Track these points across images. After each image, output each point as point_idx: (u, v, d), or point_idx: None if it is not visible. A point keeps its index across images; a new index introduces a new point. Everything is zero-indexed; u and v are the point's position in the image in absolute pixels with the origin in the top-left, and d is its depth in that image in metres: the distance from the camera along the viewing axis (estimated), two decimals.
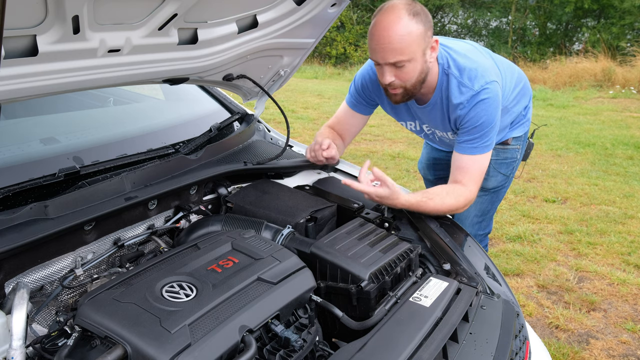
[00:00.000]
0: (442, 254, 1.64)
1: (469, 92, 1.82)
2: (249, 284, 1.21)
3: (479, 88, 1.81)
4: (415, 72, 1.75)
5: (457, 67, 1.85)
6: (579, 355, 2.64)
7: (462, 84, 1.84)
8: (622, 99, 9.98)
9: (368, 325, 1.29)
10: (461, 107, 1.85)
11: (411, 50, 1.68)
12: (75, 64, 1.27)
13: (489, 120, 1.84)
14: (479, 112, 1.83)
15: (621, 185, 5.22)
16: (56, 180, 1.47)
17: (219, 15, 1.53)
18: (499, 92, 1.87)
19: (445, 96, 1.89)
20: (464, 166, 1.88)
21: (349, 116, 2.19)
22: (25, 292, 1.11)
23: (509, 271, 3.47)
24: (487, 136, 1.86)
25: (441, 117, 1.96)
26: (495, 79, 1.86)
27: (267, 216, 1.68)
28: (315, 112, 8.74)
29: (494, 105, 1.84)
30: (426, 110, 1.99)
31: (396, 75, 1.75)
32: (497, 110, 1.86)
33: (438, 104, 1.93)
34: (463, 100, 1.83)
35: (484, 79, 1.83)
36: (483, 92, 1.81)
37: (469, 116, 1.84)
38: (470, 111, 1.83)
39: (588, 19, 15.73)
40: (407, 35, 1.66)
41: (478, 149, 1.87)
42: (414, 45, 1.68)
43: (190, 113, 2.22)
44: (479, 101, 1.81)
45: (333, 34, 16.97)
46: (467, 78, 1.83)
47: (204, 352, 1.01)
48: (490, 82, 1.83)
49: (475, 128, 1.85)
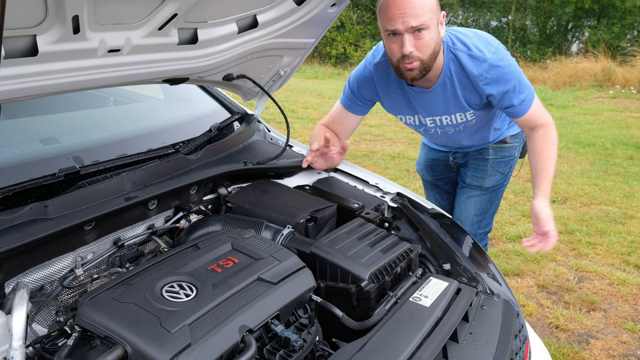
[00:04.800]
0: (442, 254, 1.64)
1: (484, 62, 1.87)
2: (249, 284, 1.21)
3: (491, 55, 1.86)
4: (433, 41, 1.78)
5: (462, 42, 1.90)
6: (579, 355, 2.64)
7: (473, 56, 1.88)
8: (622, 99, 9.98)
9: (368, 325, 1.29)
10: (486, 82, 1.89)
11: (431, 15, 1.73)
12: (75, 64, 1.26)
13: (518, 76, 1.90)
14: (506, 77, 1.88)
15: (621, 185, 5.22)
16: (56, 180, 1.47)
17: (219, 15, 1.53)
18: (506, 51, 1.94)
19: (455, 73, 1.92)
20: (531, 119, 1.97)
21: (344, 116, 2.19)
22: (25, 292, 1.11)
23: (509, 271, 3.47)
24: (523, 87, 1.92)
25: (453, 96, 1.97)
26: (498, 42, 1.93)
27: (267, 216, 1.68)
28: (315, 112, 8.74)
29: (510, 63, 1.91)
30: (431, 95, 1.99)
31: (415, 46, 1.76)
32: (515, 65, 1.93)
33: (448, 84, 1.94)
34: (482, 71, 1.87)
35: (490, 45, 1.89)
36: (497, 59, 1.87)
37: (500, 87, 1.89)
38: (498, 82, 1.89)
39: (588, 18, 15.73)
40: (426, 0, 1.71)
41: (527, 102, 1.93)
42: (432, 12, 1.73)
43: (190, 113, 2.21)
44: (498, 70, 1.87)
45: (333, 34, 16.97)
46: (476, 49, 1.88)
47: (204, 352, 1.01)
48: (497, 46, 1.90)
49: (510, 91, 1.90)
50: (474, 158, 2.38)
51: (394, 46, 1.79)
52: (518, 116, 1.97)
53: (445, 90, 1.96)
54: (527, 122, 1.98)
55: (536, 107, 1.96)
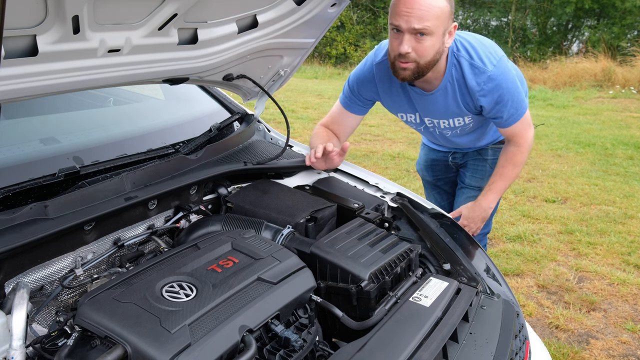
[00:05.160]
0: (442, 254, 1.64)
1: (483, 74, 1.87)
2: (249, 284, 1.21)
3: (492, 68, 1.87)
4: (433, 49, 1.77)
5: (466, 49, 1.90)
6: (579, 355, 2.64)
7: (474, 66, 1.88)
8: (622, 99, 9.98)
9: (368, 325, 1.29)
10: (481, 93, 1.90)
11: (437, 23, 1.71)
12: (75, 64, 1.26)
13: (513, 92, 1.92)
14: (501, 91, 1.90)
15: (621, 185, 5.22)
16: (56, 180, 1.47)
17: (219, 15, 1.53)
18: (508, 64, 1.95)
19: (457, 79, 1.92)
20: (511, 134, 2.04)
21: (344, 116, 2.19)
22: (25, 292, 1.11)
23: (509, 271, 3.47)
24: (516, 103, 1.94)
25: (454, 102, 1.98)
26: (502, 53, 1.93)
27: (267, 216, 1.68)
28: (315, 112, 8.74)
29: (509, 78, 1.92)
30: (432, 98, 1.99)
31: (414, 48, 1.75)
32: (514, 80, 1.95)
33: (449, 89, 1.95)
34: (480, 82, 1.88)
35: (493, 57, 1.89)
36: (496, 72, 1.87)
37: (494, 100, 1.91)
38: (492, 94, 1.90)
39: (588, 18, 15.72)
40: (437, 7, 1.70)
41: (514, 117, 1.97)
42: (440, 20, 1.71)
43: (190, 113, 2.21)
44: (496, 84, 1.88)
45: (333, 34, 16.97)
46: (478, 58, 1.88)
47: (204, 352, 1.01)
48: (499, 58, 1.90)
49: (502, 105, 1.92)
50: (473, 158, 2.39)
51: (394, 42, 1.79)
52: (501, 127, 2.04)
53: (446, 95, 1.96)
54: (507, 134, 2.07)
55: (521, 125, 2.00)
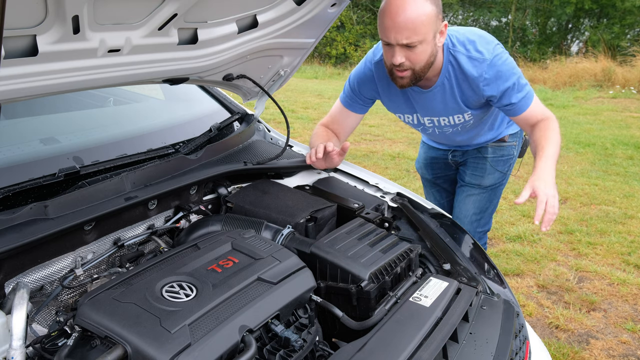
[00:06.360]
0: (442, 254, 1.64)
1: (483, 63, 1.86)
2: (249, 284, 1.21)
3: (490, 55, 1.86)
4: (426, 54, 1.76)
5: (461, 43, 1.89)
6: (579, 355, 2.64)
7: (472, 58, 1.87)
8: (622, 99, 9.98)
9: (368, 325, 1.29)
10: (485, 82, 1.88)
11: (424, 31, 1.69)
12: (75, 64, 1.26)
13: (515, 74, 1.90)
14: (505, 75, 1.87)
15: (621, 185, 5.22)
16: (56, 180, 1.47)
17: (219, 15, 1.53)
18: (505, 52, 1.93)
19: (454, 75, 1.91)
20: (530, 116, 1.95)
21: (344, 115, 2.19)
22: (25, 292, 1.11)
23: (509, 271, 3.47)
24: (522, 85, 1.91)
25: (452, 98, 1.97)
26: (496, 41, 1.93)
27: (267, 216, 1.68)
28: (315, 112, 8.73)
29: (509, 62, 1.90)
30: (430, 95, 1.99)
31: (407, 57, 1.75)
32: (513, 63, 1.92)
33: (446, 85, 1.94)
34: (481, 72, 1.87)
35: (489, 45, 1.88)
36: (495, 58, 1.86)
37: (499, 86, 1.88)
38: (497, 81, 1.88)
39: (588, 18, 15.73)
40: (422, 15, 1.67)
41: (526, 99, 1.92)
42: (427, 27, 1.69)
43: (190, 113, 2.21)
44: (497, 69, 1.87)
45: (333, 34, 16.97)
46: (475, 50, 1.87)
47: (204, 352, 1.01)
48: (495, 45, 1.90)
49: (509, 89, 1.89)
50: (473, 156, 2.39)
51: (387, 53, 1.80)
52: (517, 114, 1.96)
53: (444, 91, 1.96)
54: (527, 119, 1.96)
55: (536, 104, 1.95)
